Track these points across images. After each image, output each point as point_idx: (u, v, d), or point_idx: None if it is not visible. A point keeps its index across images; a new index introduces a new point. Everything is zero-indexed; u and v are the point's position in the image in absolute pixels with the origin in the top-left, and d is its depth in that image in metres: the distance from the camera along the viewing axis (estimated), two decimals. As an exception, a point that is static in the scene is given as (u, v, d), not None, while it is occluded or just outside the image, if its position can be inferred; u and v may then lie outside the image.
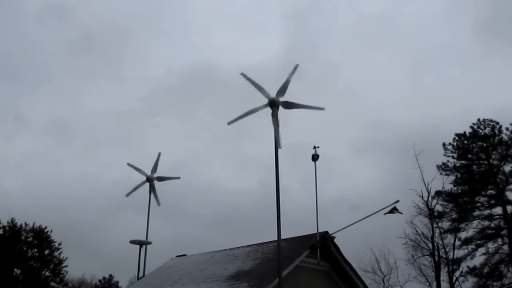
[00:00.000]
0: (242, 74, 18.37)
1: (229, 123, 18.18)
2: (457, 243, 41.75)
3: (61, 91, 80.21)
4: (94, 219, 65.24)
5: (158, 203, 28.72)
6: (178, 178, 29.64)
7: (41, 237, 34.68)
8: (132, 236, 26.74)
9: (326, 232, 18.98)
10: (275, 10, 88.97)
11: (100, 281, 59.66)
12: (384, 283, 43.87)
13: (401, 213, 19.55)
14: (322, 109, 18.38)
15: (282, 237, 16.95)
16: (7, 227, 33.85)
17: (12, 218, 34.42)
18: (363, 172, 62.39)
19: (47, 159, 72.08)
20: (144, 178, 28.75)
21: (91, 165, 75.46)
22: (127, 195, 28.62)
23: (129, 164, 28.86)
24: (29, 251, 34.39)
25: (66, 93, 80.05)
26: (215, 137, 75.61)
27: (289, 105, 18.28)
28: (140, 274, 25.55)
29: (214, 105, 78.65)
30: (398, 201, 19.83)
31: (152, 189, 28.67)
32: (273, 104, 18.08)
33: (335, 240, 19.39)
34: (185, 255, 24.31)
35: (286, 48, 78.96)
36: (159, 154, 29.32)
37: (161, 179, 28.97)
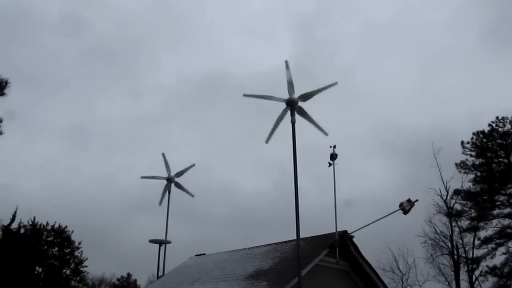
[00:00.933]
0: (244, 95, 18.29)
1: (244, 95, 18.20)
2: (477, 242, 41.27)
3: (78, 98, 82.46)
4: (113, 220, 67.28)
5: (192, 195, 29.03)
6: (193, 165, 29.73)
7: (61, 236, 35.22)
8: (149, 236, 27.01)
9: (345, 232, 19.00)
10: (283, 19, 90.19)
11: (118, 279, 61.27)
12: (402, 282, 43.58)
13: (417, 200, 19.41)
14: (326, 134, 18.46)
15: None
16: (27, 226, 34.42)
17: (33, 218, 35.10)
18: (375, 173, 63.13)
19: (65, 163, 73.89)
20: (165, 181, 28.93)
21: (108, 168, 77.39)
22: (160, 203, 28.81)
23: (143, 177, 29.18)
24: (50, 250, 34.98)
25: (83, 100, 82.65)
26: (228, 140, 77.85)
27: (302, 112, 18.31)
28: (160, 273, 25.73)
29: (227, 110, 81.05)
30: (417, 200, 19.79)
31: (178, 186, 28.85)
32: (291, 103, 18.14)
33: (354, 239, 19.42)
34: (204, 254, 24.43)
35: (296, 54, 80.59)
36: (163, 154, 29.52)
37: (179, 174, 29.13)
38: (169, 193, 28.54)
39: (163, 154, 29.38)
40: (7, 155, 65.11)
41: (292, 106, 18.06)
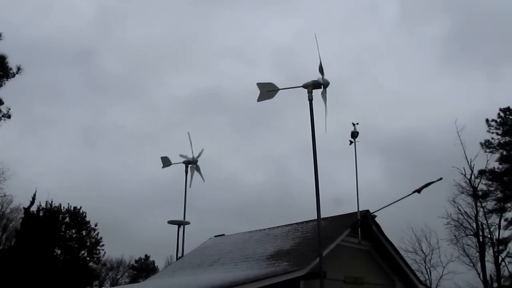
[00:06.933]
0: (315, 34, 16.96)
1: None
2: (503, 223, 40.46)
3: (91, 110, 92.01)
4: (128, 210, 75.88)
5: (203, 179, 27.94)
6: (203, 181, 28.69)
7: (77, 218, 35.41)
8: (164, 222, 26.59)
9: (367, 211, 18.47)
10: (269, 44, 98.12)
11: (136, 261, 63.34)
12: (425, 263, 43.17)
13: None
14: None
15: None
16: (45, 209, 34.61)
17: (51, 200, 35.33)
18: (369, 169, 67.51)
19: (79, 162, 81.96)
20: (191, 156, 28.00)
21: (118, 166, 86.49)
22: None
23: (188, 134, 27.99)
24: (67, 232, 35.25)
25: (95, 111, 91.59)
26: (229, 142, 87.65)
27: (325, 97, 17.13)
28: (179, 254, 25.51)
29: (225, 118, 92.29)
30: (441, 178, 19.14)
31: (197, 169, 27.95)
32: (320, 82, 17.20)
33: (376, 219, 18.91)
34: (223, 234, 24.16)
35: (280, 75, 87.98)
36: (188, 133, 28.35)
37: (198, 168, 28.13)
38: (185, 173, 27.79)
39: (188, 133, 28.48)
40: (30, 155, 74.24)
41: (321, 85, 17.00)
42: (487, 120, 40.78)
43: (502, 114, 40.32)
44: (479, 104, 69.11)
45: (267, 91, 17.19)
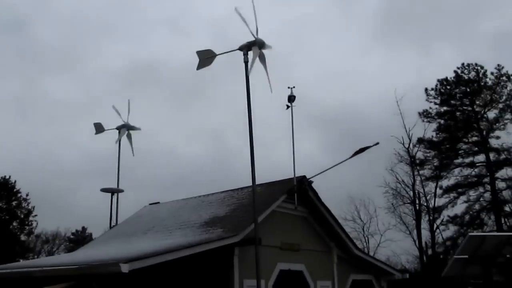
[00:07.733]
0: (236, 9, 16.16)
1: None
2: (439, 191, 41.53)
3: (23, 80, 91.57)
4: (65, 182, 76.92)
5: (139, 128, 26.89)
6: (139, 129, 27.63)
7: (6, 188, 33.55)
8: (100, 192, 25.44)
9: (304, 177, 18.13)
10: (205, 15, 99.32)
11: (73, 233, 62.14)
12: (364, 231, 44.04)
13: (377, 143, 18.47)
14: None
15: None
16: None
17: None
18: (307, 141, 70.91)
19: (11, 134, 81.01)
20: (123, 122, 26.81)
21: (51, 137, 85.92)
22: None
23: (113, 107, 26.80)
24: (-4, 203, 33.41)
25: (27, 83, 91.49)
26: (166, 114, 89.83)
27: (262, 59, 16.35)
28: (113, 223, 24.64)
29: (161, 90, 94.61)
30: (378, 143, 19.01)
31: (128, 137, 26.89)
32: (255, 42, 16.38)
33: (313, 185, 18.62)
34: (158, 202, 23.51)
35: (217, 46, 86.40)
36: (113, 106, 27.27)
37: (131, 127, 27.05)
38: (119, 140, 26.60)
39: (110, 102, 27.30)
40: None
41: (256, 45, 16.18)
42: (426, 90, 41.39)
43: (440, 84, 40.98)
44: (411, 79, 71.29)
45: (205, 58, 16.48)
